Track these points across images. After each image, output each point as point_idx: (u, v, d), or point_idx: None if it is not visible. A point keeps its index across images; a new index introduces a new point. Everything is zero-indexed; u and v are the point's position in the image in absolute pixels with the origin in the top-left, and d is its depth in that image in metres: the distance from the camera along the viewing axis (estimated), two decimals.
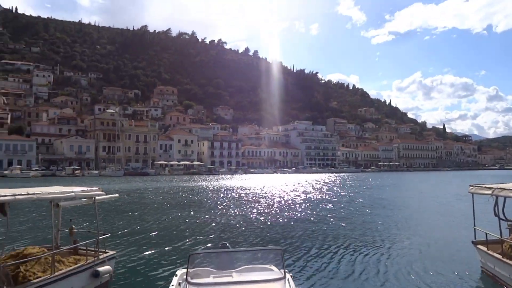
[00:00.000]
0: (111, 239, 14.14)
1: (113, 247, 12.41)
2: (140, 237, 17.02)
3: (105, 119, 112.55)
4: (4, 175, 79.35)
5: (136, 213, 25.39)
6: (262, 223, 21.41)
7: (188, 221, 22.02)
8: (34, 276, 7.71)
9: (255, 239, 16.82)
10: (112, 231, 16.68)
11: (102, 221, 19.94)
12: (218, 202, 33.05)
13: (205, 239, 16.78)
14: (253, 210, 27.28)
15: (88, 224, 18.44)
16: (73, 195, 9.06)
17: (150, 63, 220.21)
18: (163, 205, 30.56)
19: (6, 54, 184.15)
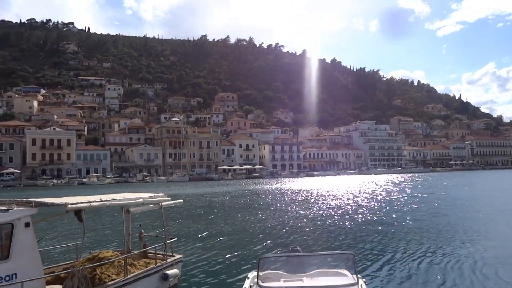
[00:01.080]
0: (178, 243, 14.53)
1: (180, 251, 12.72)
2: (207, 240, 17.33)
3: (171, 127, 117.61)
4: (83, 182, 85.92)
5: (202, 217, 26.02)
6: (330, 226, 20.93)
7: (255, 224, 22.07)
8: (109, 279, 8.09)
9: (325, 243, 16.43)
10: (179, 235, 17.17)
11: (169, 226, 20.59)
12: (284, 205, 32.91)
13: (274, 242, 16.66)
14: (321, 212, 26.80)
15: (156, 229, 19.18)
16: (141, 201, 9.43)
17: (210, 71, 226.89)
18: (229, 209, 31.03)
19: (82, 71, 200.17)
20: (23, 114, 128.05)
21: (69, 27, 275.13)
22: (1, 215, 6.72)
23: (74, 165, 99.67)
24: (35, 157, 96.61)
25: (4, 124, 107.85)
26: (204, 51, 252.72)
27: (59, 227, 21.88)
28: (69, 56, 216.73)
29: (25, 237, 6.92)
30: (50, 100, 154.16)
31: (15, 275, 6.61)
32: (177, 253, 10.57)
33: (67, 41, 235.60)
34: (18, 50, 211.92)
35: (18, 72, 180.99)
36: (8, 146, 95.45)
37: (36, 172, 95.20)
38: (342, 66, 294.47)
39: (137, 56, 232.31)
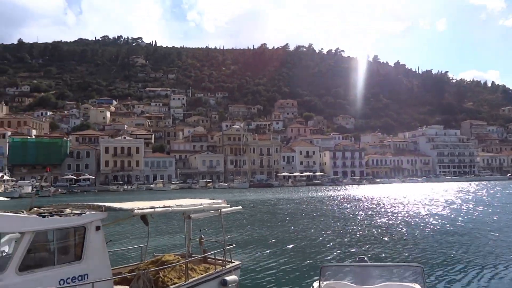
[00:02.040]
0: (237, 249, 14.70)
1: (239, 257, 12.86)
2: (266, 247, 17.34)
3: (232, 135, 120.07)
4: (151, 188, 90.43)
5: (262, 224, 26.13)
6: (398, 235, 20.05)
7: (318, 231, 21.72)
8: (171, 282, 8.39)
9: (392, 254, 15.76)
10: (238, 241, 17.37)
11: (228, 232, 20.91)
12: (348, 212, 32.10)
13: (337, 251, 16.30)
14: (388, 221, 25.78)
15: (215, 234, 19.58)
16: (201, 207, 9.71)
17: (270, 79, 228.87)
18: (289, 216, 30.84)
19: (149, 83, 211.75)
20: (98, 124, 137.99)
21: (138, 41, 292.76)
22: (75, 219, 7.23)
23: (142, 172, 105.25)
24: (108, 164, 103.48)
25: (81, 134, 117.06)
26: (264, 59, 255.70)
27: (125, 230, 23.12)
28: (138, 69, 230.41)
29: (96, 239, 7.37)
30: (121, 110, 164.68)
31: (87, 275, 7.06)
32: (236, 259, 10.71)
33: (136, 55, 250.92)
34: (94, 65, 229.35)
35: (93, 86, 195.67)
36: (84, 154, 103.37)
37: (108, 178, 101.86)
38: (406, 69, 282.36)
39: (200, 67, 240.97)
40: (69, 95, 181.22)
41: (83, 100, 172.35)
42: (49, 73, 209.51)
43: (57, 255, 6.98)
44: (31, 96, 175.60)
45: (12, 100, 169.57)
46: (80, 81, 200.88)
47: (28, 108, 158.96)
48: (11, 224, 6.78)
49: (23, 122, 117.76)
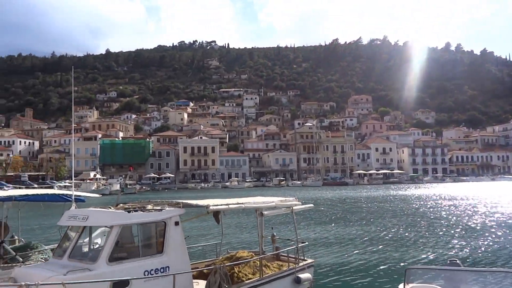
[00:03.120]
0: (310, 247, 14.61)
1: (312, 255, 12.78)
2: (341, 246, 17.01)
3: (304, 133, 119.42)
4: (226, 186, 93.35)
5: (336, 222, 25.68)
6: (492, 238, 18.50)
7: (399, 231, 20.82)
8: (245, 278, 8.62)
9: (486, 257, 14.60)
10: (311, 239, 17.24)
11: (300, 229, 20.82)
12: (432, 212, 30.35)
13: (422, 252, 15.45)
14: (479, 222, 23.93)
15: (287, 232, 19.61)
16: (273, 204, 9.83)
17: (343, 74, 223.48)
18: (366, 214, 29.94)
19: (223, 84, 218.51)
20: (176, 125, 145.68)
21: (211, 45, 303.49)
22: (156, 214, 7.73)
23: (218, 170, 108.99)
24: (186, 163, 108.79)
25: (161, 135, 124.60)
26: (336, 55, 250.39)
27: (201, 227, 24.04)
28: (212, 71, 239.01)
29: (175, 234, 7.80)
30: (197, 112, 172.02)
31: (168, 268, 7.49)
32: (309, 257, 10.67)
33: (210, 58, 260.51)
34: (172, 70, 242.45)
35: (172, 89, 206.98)
36: (165, 153, 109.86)
37: (187, 176, 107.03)
38: (494, 57, 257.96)
39: (271, 66, 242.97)
40: (150, 99, 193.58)
41: (163, 103, 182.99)
42: (133, 79, 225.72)
43: (141, 248, 7.51)
44: (118, 101, 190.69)
45: (101, 105, 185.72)
46: (160, 85, 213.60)
47: (115, 112, 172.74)
48: (102, 218, 7.47)
49: (111, 125, 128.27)
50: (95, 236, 8.48)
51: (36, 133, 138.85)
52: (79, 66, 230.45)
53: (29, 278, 6.26)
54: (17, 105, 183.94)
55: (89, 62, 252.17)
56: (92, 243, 8.08)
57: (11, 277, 7.01)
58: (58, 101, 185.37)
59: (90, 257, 7.29)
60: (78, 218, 7.42)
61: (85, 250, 7.76)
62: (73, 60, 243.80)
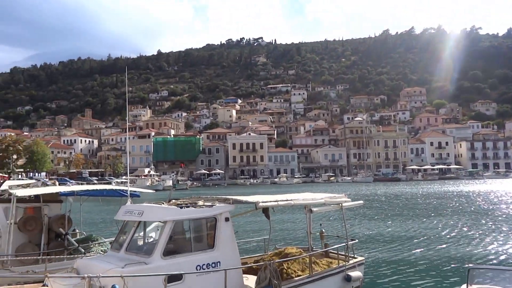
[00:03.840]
0: (359, 244, 14.27)
1: (361, 253, 12.49)
2: (393, 243, 16.48)
3: (354, 127, 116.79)
4: (275, 182, 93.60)
5: (387, 219, 24.93)
6: None
7: (460, 229, 19.79)
8: (295, 274, 8.60)
9: None
10: (360, 237, 16.83)
11: (350, 226, 20.41)
12: (497, 209, 28.55)
13: (486, 252, 14.61)
14: None
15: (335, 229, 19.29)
16: (322, 201, 9.72)
17: (394, 66, 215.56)
18: (420, 211, 28.80)
19: (270, 80, 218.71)
20: (225, 122, 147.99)
21: (258, 41, 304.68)
22: (207, 210, 7.92)
23: (267, 166, 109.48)
24: (235, 159, 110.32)
25: (211, 132, 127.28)
26: (387, 46, 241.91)
27: (249, 222, 24.21)
28: (259, 67, 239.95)
29: (225, 230, 7.93)
30: (245, 108, 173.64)
31: (219, 263, 7.65)
32: (359, 255, 10.44)
33: (257, 55, 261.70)
34: (220, 68, 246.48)
35: (220, 87, 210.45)
36: (215, 150, 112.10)
37: (236, 172, 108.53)
38: None
39: (319, 60, 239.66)
40: (200, 97, 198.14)
41: (212, 101, 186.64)
42: (183, 78, 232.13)
43: (193, 243, 7.73)
44: (169, 100, 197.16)
45: (154, 104, 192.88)
46: (209, 83, 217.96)
47: (167, 111, 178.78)
48: (156, 214, 7.76)
49: (163, 123, 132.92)
50: (149, 231, 8.84)
51: (95, 132, 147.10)
52: (132, 67, 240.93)
53: (90, 270, 6.65)
54: (78, 106, 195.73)
55: (142, 63, 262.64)
56: (147, 237, 8.43)
57: (74, 267, 7.48)
58: (114, 101, 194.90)
59: (145, 250, 7.60)
60: (133, 213, 7.75)
61: (140, 244, 8.10)
62: (127, 61, 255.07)
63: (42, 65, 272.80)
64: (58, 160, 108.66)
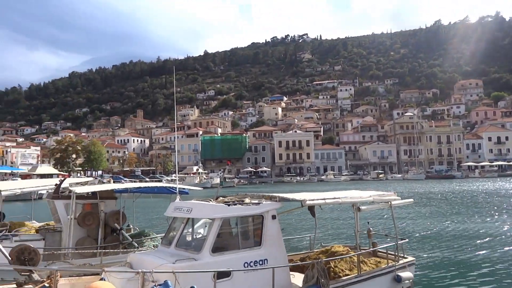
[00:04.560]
0: (409, 244, 13.76)
1: (411, 253, 12.04)
2: (447, 245, 15.76)
3: (404, 123, 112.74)
4: (322, 179, 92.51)
5: (441, 218, 23.88)
6: None
7: None
8: (342, 273, 8.45)
9: None
10: (411, 236, 16.23)
11: (399, 225, 19.75)
12: None
13: None
14: None
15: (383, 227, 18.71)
16: (371, 199, 9.49)
17: (447, 58, 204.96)
18: (479, 210, 27.29)
19: (316, 76, 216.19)
20: (271, 120, 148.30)
21: (303, 38, 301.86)
22: (254, 208, 7.96)
23: (313, 164, 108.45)
24: (281, 157, 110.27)
25: (257, 130, 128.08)
26: (439, 38, 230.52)
27: (293, 219, 24.11)
28: (304, 64, 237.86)
29: (272, 227, 7.94)
30: (291, 106, 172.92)
31: (266, 260, 7.67)
32: (409, 255, 10.09)
33: (302, 51, 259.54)
34: (265, 66, 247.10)
35: (266, 85, 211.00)
36: (261, 148, 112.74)
37: (282, 170, 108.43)
38: None
39: (366, 55, 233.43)
40: (245, 96, 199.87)
41: (257, 99, 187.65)
42: (229, 77, 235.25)
43: (240, 240, 7.81)
44: (216, 99, 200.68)
45: (201, 103, 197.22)
46: (254, 82, 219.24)
47: (214, 110, 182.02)
48: (205, 211, 7.95)
49: (211, 122, 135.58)
50: (197, 227, 9.08)
51: (146, 132, 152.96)
52: (180, 68, 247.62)
53: (142, 264, 6.95)
54: (130, 107, 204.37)
55: (189, 63, 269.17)
56: (195, 234, 8.65)
57: (128, 262, 7.84)
58: (164, 101, 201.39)
59: (194, 247, 7.80)
60: (183, 210, 7.99)
61: (189, 240, 8.33)
62: (175, 63, 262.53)
63: (97, 69, 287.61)
64: (112, 159, 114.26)
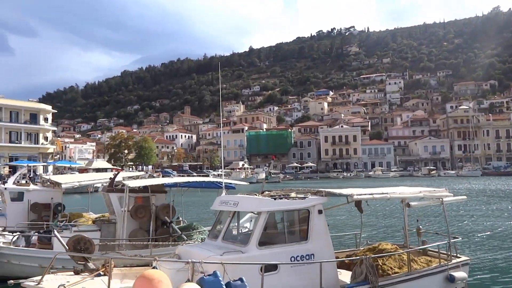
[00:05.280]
0: (463, 243, 13.12)
1: (464, 252, 11.47)
2: (503, 245, 14.88)
3: (458, 117, 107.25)
4: (369, 175, 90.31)
5: (500, 216, 22.57)
6: None
7: None
8: (391, 271, 8.25)
9: None
10: (464, 235, 15.47)
11: (451, 223, 18.88)
12: None
13: None
14: None
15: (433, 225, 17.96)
16: (421, 195, 9.17)
17: (507, 47, 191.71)
18: None
19: (363, 70, 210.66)
20: (317, 115, 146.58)
21: (350, 30, 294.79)
22: (300, 202, 7.95)
23: (360, 159, 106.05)
24: (327, 152, 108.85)
25: (302, 125, 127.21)
26: (497, 25, 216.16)
27: (340, 216, 23.72)
28: (351, 57, 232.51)
29: (319, 222, 7.88)
30: (337, 100, 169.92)
31: (313, 255, 7.64)
32: (462, 254, 9.63)
33: (349, 44, 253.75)
34: (310, 60, 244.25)
35: (311, 79, 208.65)
36: (306, 143, 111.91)
37: (328, 166, 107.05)
38: None
39: (416, 46, 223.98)
40: (291, 91, 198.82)
41: (303, 94, 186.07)
42: (274, 73, 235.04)
43: (287, 234, 7.85)
44: (261, 95, 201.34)
45: (247, 99, 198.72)
46: (300, 77, 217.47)
47: (259, 105, 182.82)
48: (251, 204, 8.05)
49: (256, 118, 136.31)
50: (242, 221, 9.21)
51: (193, 127, 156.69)
52: (226, 65, 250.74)
53: (191, 256, 7.15)
54: (178, 104, 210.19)
55: (234, 60, 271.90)
56: (240, 227, 8.78)
57: (176, 253, 8.11)
58: (210, 98, 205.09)
59: (240, 240, 7.93)
60: (229, 203, 8.13)
61: (235, 233, 8.47)
62: (221, 59, 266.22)
63: (147, 67, 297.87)
64: (162, 154, 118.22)
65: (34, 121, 70.98)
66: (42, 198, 14.99)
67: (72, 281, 6.68)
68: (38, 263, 10.94)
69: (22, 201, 14.79)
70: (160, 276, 5.75)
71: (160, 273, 5.97)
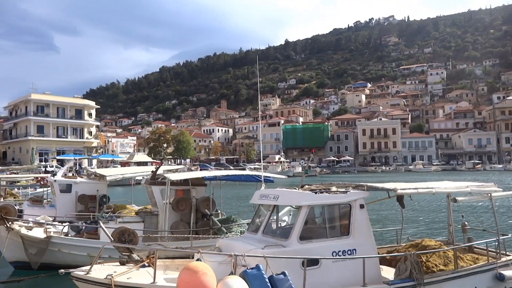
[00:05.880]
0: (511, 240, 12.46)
1: None
2: None
3: (507, 108, 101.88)
4: (409, 169, 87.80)
5: None
6: None
7: None
8: (436, 268, 8.00)
9: None
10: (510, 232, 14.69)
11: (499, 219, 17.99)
12: None
13: None
14: None
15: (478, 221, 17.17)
16: (468, 190, 8.80)
17: None
18: None
19: (403, 61, 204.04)
20: (354, 108, 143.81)
21: (389, 20, 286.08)
22: (341, 196, 7.81)
23: (400, 153, 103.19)
24: (365, 145, 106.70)
25: (339, 118, 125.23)
26: None
27: (380, 210, 23.12)
28: (390, 48, 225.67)
29: (361, 217, 7.71)
30: (376, 92, 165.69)
31: (355, 250, 7.50)
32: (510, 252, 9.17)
33: (388, 35, 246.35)
34: (347, 52, 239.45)
35: (348, 71, 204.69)
36: (343, 137, 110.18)
37: (366, 159, 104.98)
38: None
39: (461, 34, 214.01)
40: (327, 83, 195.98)
41: (339, 86, 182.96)
42: (310, 65, 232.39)
43: (328, 229, 7.72)
44: (297, 88, 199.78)
45: (282, 93, 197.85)
46: (337, 69, 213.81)
47: (295, 99, 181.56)
48: (291, 198, 8.00)
49: (292, 111, 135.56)
50: (281, 215, 9.19)
51: (230, 121, 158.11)
52: (262, 58, 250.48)
53: (232, 249, 7.21)
54: (215, 98, 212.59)
55: (270, 53, 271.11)
56: (279, 221, 8.77)
57: (216, 246, 8.19)
58: (246, 92, 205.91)
59: (280, 234, 7.89)
60: (269, 197, 8.13)
61: (274, 227, 8.46)
62: (256, 53, 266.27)
63: (184, 63, 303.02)
64: (199, 148, 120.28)
65: (79, 116, 74.29)
66: (89, 190, 15.66)
67: (119, 271, 6.95)
68: (86, 252, 11.48)
69: (70, 193, 15.51)
70: (204, 268, 5.87)
71: (205, 265, 6.09)
